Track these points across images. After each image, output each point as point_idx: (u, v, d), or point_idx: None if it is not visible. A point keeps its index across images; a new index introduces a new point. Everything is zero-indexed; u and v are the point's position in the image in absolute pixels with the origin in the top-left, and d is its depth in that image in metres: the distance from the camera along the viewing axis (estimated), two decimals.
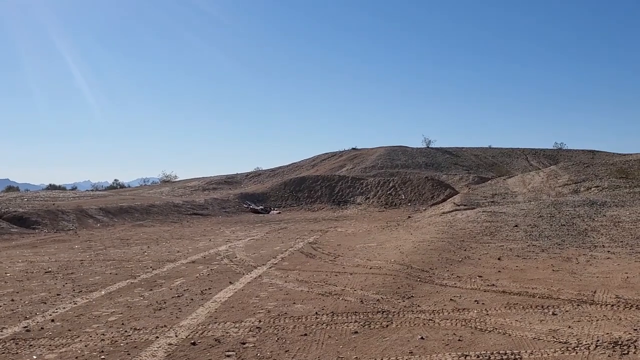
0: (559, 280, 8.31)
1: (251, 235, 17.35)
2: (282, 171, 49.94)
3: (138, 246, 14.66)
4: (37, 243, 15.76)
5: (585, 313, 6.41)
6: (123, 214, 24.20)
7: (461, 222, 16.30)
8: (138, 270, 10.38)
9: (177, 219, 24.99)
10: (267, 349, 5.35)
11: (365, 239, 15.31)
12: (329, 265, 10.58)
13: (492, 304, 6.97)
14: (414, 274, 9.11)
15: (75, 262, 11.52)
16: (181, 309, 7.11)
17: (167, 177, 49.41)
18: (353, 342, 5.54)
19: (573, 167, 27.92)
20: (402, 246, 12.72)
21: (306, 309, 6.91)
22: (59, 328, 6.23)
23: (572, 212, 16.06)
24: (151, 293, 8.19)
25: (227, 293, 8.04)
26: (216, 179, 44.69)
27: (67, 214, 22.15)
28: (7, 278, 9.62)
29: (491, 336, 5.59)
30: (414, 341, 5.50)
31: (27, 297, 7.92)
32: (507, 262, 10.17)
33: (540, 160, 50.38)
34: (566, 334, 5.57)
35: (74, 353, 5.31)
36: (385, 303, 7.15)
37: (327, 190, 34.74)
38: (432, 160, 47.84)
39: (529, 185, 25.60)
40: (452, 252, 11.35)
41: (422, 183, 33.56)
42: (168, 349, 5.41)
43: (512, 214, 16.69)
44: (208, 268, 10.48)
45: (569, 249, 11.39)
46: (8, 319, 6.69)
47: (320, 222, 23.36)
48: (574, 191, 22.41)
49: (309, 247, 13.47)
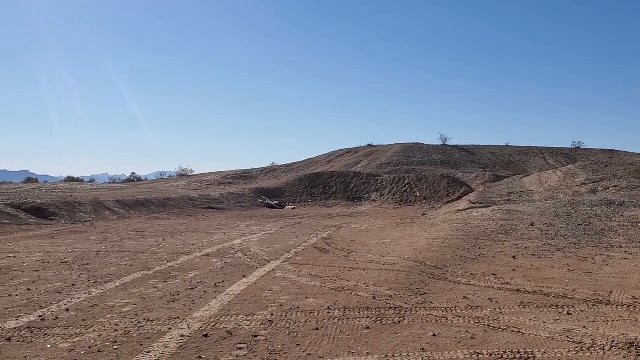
0: (574, 280, 8.22)
1: (265, 230, 17.40)
2: (297, 167, 49.98)
3: (153, 238, 14.78)
4: (55, 234, 15.96)
5: (600, 313, 6.33)
6: (139, 207, 24.42)
7: (476, 220, 16.19)
8: (153, 262, 10.47)
9: (192, 213, 25.15)
10: (279, 342, 5.36)
11: (379, 236, 15.27)
12: (342, 260, 10.57)
13: (506, 302, 6.91)
14: (427, 271, 9.07)
15: (91, 253, 11.65)
16: (194, 301, 7.15)
17: (184, 171, 49.72)
18: (365, 337, 5.53)
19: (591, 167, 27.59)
20: (416, 243, 12.67)
21: (318, 304, 6.91)
22: (73, 318, 6.30)
23: (589, 212, 15.87)
24: (165, 285, 8.25)
25: (240, 286, 8.07)
26: (232, 174, 44.88)
27: (85, 206, 22.40)
28: (24, 268, 9.76)
29: (504, 335, 5.55)
30: (426, 338, 5.47)
31: (43, 287, 8.03)
32: (522, 260, 10.09)
33: (557, 159, 49.85)
34: (581, 334, 5.51)
35: (87, 343, 5.37)
36: (398, 299, 7.13)
37: (342, 186, 34.71)
38: (448, 158, 47.55)
39: (546, 184, 25.35)
40: (466, 250, 11.28)
41: (437, 180, 33.38)
42: (180, 340, 5.44)
43: (528, 213, 16.53)
44: (222, 261, 10.53)
45: (585, 248, 11.26)
46: (24, 307, 6.78)
47: (334, 218, 23.36)
48: (592, 191, 22.13)
49: (323, 243, 13.47)
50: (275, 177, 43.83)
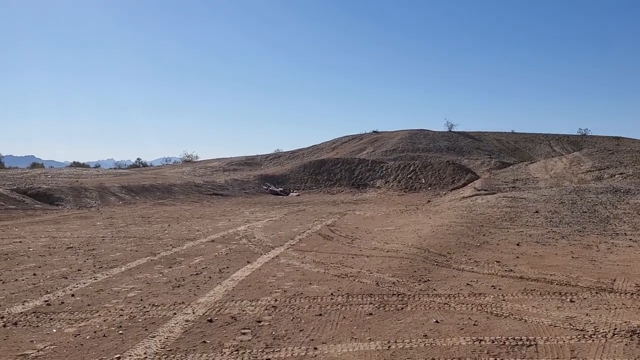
0: (578, 268, 8.22)
1: (270, 217, 17.45)
2: (302, 153, 49.95)
3: (159, 224, 14.86)
4: (60, 219, 16.05)
5: (603, 301, 6.34)
6: (145, 193, 24.50)
7: (481, 207, 16.18)
8: (158, 247, 10.53)
9: (197, 199, 25.23)
10: (282, 328, 5.40)
11: (383, 223, 15.29)
12: (346, 247, 10.61)
13: (509, 289, 6.93)
14: (431, 258, 9.09)
15: (97, 239, 11.72)
16: (199, 286, 7.21)
17: (189, 157, 49.80)
18: (367, 323, 5.56)
19: (597, 154, 27.45)
20: (420, 230, 12.69)
21: (322, 290, 6.95)
22: (78, 303, 6.36)
23: (594, 199, 15.82)
24: (170, 270, 8.31)
25: (244, 272, 8.12)
26: (236, 160, 44.93)
27: (90, 192, 22.50)
28: (29, 253, 9.83)
29: (507, 321, 5.57)
30: (429, 324, 5.50)
31: (49, 272, 8.10)
32: (526, 248, 10.09)
33: (563, 146, 49.62)
34: (583, 322, 5.52)
35: (92, 327, 5.42)
36: (401, 286, 7.16)
37: (346, 173, 34.69)
38: (454, 145, 47.39)
39: (551, 172, 25.26)
40: (470, 237, 11.28)
41: (443, 167, 33.31)
42: (185, 325, 5.49)
43: (533, 200, 16.50)
44: (227, 247, 10.58)
45: (589, 236, 11.25)
46: (30, 292, 6.85)
47: (338, 205, 23.38)
48: (597, 178, 22.05)
49: (327, 230, 13.50)
50: (280, 164, 43.85)
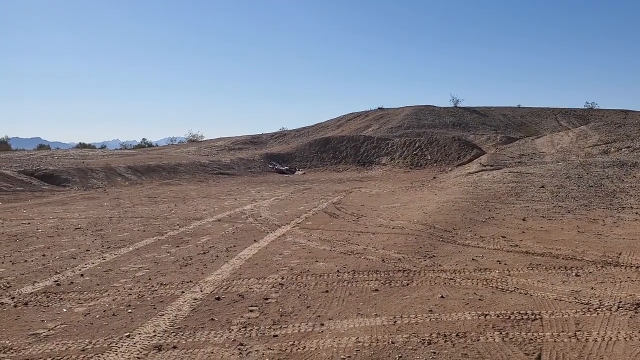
0: (583, 242, 8.23)
1: (276, 195, 17.50)
2: (307, 132, 49.82)
3: (165, 204, 14.93)
4: (67, 200, 16.16)
5: (609, 275, 6.36)
6: (151, 173, 24.58)
7: (487, 183, 16.16)
8: (165, 227, 10.60)
9: (203, 178, 25.30)
10: (289, 305, 5.46)
11: (389, 200, 15.31)
12: (351, 225, 10.65)
13: (514, 264, 6.96)
14: (436, 234, 9.11)
15: (104, 219, 11.80)
16: (206, 265, 7.27)
17: (194, 136, 49.76)
18: (373, 299, 5.61)
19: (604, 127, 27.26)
20: (425, 206, 12.70)
21: (328, 267, 7.00)
22: (88, 282, 6.44)
23: (600, 173, 15.77)
24: (178, 250, 8.38)
25: (251, 251, 8.18)
26: (242, 139, 44.88)
27: (97, 172, 22.60)
28: (38, 234, 9.92)
29: (512, 296, 5.60)
30: (434, 300, 5.54)
31: (58, 253, 8.18)
32: (532, 222, 10.10)
33: (570, 120, 49.22)
34: (588, 295, 5.55)
35: (102, 306, 5.49)
36: (407, 262, 7.20)
37: (352, 150, 34.64)
38: (460, 120, 47.10)
39: (558, 146, 25.13)
40: (476, 213, 11.29)
41: (448, 143, 33.20)
42: (193, 303, 5.55)
43: (538, 175, 16.46)
44: (233, 226, 10.64)
45: (595, 210, 11.24)
46: (39, 273, 6.93)
47: (344, 183, 23.40)
48: (604, 152, 21.93)
49: (333, 207, 13.54)
50: (285, 142, 43.79)
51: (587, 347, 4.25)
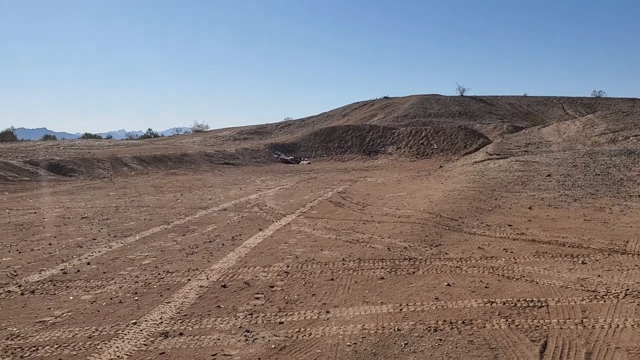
0: (590, 230, 8.19)
1: (281, 185, 17.50)
2: (312, 121, 49.73)
3: (171, 194, 14.96)
4: (74, 190, 16.21)
5: (616, 262, 6.33)
6: (157, 163, 24.63)
7: (493, 172, 16.10)
8: (171, 216, 10.63)
9: (208, 168, 25.33)
10: (295, 292, 5.47)
11: (395, 189, 15.28)
12: (357, 213, 10.63)
13: (520, 252, 6.94)
14: (442, 223, 9.09)
15: (111, 209, 11.84)
16: (212, 253, 7.29)
17: (199, 127, 49.74)
18: (379, 287, 5.60)
19: (611, 116, 27.04)
20: (432, 195, 12.67)
21: (333, 256, 7.00)
22: (94, 271, 6.47)
23: (607, 162, 15.67)
24: (184, 238, 8.40)
25: (256, 239, 8.19)
26: (247, 129, 44.86)
27: (103, 162, 22.65)
28: (45, 223, 9.97)
29: (518, 284, 5.59)
30: (440, 287, 5.53)
31: (64, 242, 8.22)
32: (538, 211, 10.06)
33: (577, 108, 48.92)
34: (595, 283, 5.53)
35: (108, 294, 5.52)
36: (413, 250, 7.19)
37: (357, 140, 34.54)
38: (466, 109, 46.89)
39: (564, 135, 24.99)
40: (482, 201, 11.26)
41: (455, 132, 33.06)
42: (199, 291, 5.57)
43: (545, 164, 16.38)
44: (239, 215, 10.65)
45: (602, 198, 11.18)
46: (46, 261, 6.96)
47: (350, 172, 23.37)
48: (611, 140, 21.79)
49: (338, 197, 13.53)
50: (290, 132, 43.74)
51: (594, 334, 4.24)
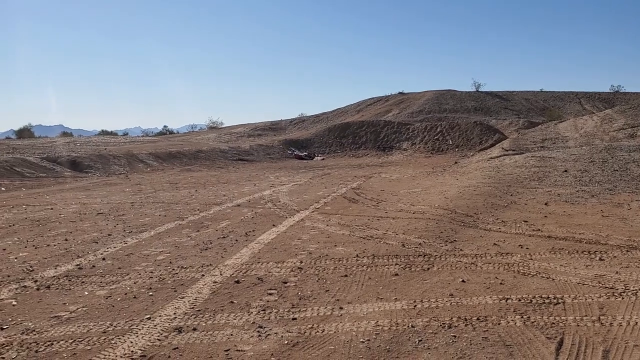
0: (608, 226, 8.08)
1: (295, 181, 17.50)
2: (326, 117, 49.67)
3: (186, 190, 15.03)
4: (90, 186, 16.36)
5: (634, 259, 6.23)
6: (172, 159, 24.77)
7: (509, 167, 15.96)
8: (186, 212, 10.67)
9: (223, 164, 25.42)
10: (308, 288, 5.45)
11: (409, 185, 15.21)
12: (371, 210, 10.59)
13: (536, 248, 6.86)
14: (457, 219, 9.02)
15: (126, 205, 11.92)
16: (226, 249, 7.30)
17: (214, 123, 49.92)
18: (393, 283, 5.57)
19: (630, 111, 26.63)
20: (447, 191, 12.58)
21: (347, 252, 6.98)
22: (109, 266, 6.51)
23: (626, 157, 15.44)
24: (198, 234, 8.43)
25: (270, 235, 8.19)
26: (261, 125, 44.93)
27: (119, 159, 22.83)
28: (61, 219, 10.06)
29: (534, 280, 5.52)
30: (455, 284, 5.49)
31: (80, 237, 8.29)
32: (555, 207, 9.94)
33: (594, 104, 48.31)
34: (613, 280, 5.44)
35: (123, 289, 5.55)
36: (427, 247, 7.14)
37: (372, 136, 34.44)
38: (482, 105, 46.52)
39: (581, 130, 24.67)
40: (497, 197, 11.16)
41: (470, 128, 32.83)
42: (213, 286, 5.58)
43: (562, 159, 16.19)
44: (252, 211, 10.66)
45: (620, 194, 11.02)
46: (62, 257, 7.02)
47: (364, 168, 23.31)
48: (630, 136, 21.46)
49: (352, 193, 13.49)
50: (304, 128, 43.73)
51: (612, 332, 4.17)
